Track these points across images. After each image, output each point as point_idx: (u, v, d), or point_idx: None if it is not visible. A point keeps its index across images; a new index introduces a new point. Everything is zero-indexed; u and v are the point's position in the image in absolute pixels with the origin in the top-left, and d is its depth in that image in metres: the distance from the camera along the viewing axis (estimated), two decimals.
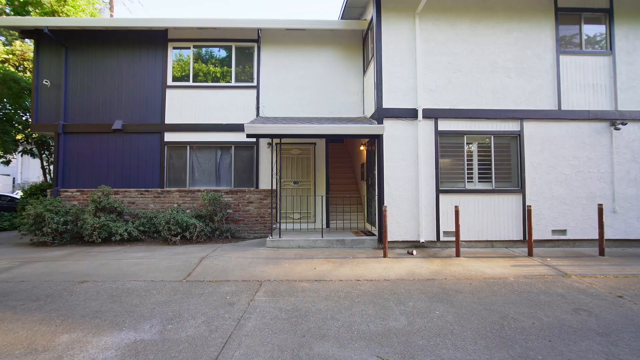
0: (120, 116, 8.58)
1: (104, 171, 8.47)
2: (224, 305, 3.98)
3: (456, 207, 6.30)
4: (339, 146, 12.71)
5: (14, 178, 26.77)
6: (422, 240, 6.77)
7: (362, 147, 8.86)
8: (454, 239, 6.86)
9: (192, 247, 7.09)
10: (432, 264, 5.80)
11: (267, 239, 6.92)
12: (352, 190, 10.10)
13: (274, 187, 8.26)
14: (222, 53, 8.90)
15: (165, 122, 8.59)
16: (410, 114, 6.98)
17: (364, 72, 8.70)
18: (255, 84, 8.73)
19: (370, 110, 7.94)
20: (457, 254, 6.25)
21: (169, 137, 8.58)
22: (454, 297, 4.27)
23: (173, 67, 8.80)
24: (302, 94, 8.74)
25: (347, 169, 11.20)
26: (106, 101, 8.61)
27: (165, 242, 7.43)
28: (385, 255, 6.17)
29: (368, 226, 8.21)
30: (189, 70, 8.81)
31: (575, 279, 5.00)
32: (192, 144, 8.61)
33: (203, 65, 8.88)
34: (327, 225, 8.46)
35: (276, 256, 6.25)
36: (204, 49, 8.89)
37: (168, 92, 8.66)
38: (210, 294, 4.36)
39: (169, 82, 8.70)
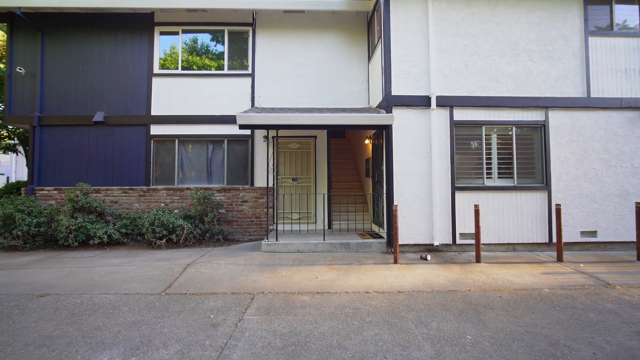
0: (102, 107, 7.82)
1: (84, 167, 7.73)
2: (206, 328, 3.24)
3: (476, 206, 5.57)
4: (341, 141, 11.98)
5: (7, 177, 26.00)
6: (436, 243, 6.04)
7: (367, 141, 8.12)
8: (471, 241, 6.13)
9: (178, 251, 6.34)
10: (450, 271, 5.07)
11: (263, 242, 6.18)
12: (356, 188, 9.36)
13: (271, 185, 7.52)
14: (214, 38, 8.14)
15: (152, 114, 7.84)
16: (422, 102, 6.24)
17: (369, 58, 7.95)
18: (249, 72, 7.97)
19: (376, 99, 7.20)
20: (478, 260, 5.51)
21: (156, 130, 7.83)
22: (485, 314, 3.54)
23: (160, 54, 8.04)
24: (301, 82, 7.99)
25: (350, 165, 10.46)
26: (87, 91, 7.85)
27: (149, 246, 6.69)
28: (396, 261, 5.43)
29: (375, 228, 7.48)
30: (177, 57, 8.05)
31: (622, 290, 4.27)
32: (181, 137, 7.86)
33: (193, 51, 8.12)
34: (329, 227, 7.72)
35: (272, 262, 5.51)
36: (194, 34, 8.13)
37: (154, 81, 7.91)
38: (191, 312, 3.62)
39: (156, 70, 7.94)
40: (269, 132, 6.54)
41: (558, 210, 5.57)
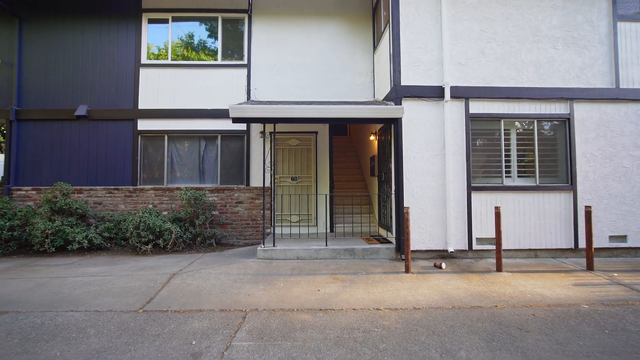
0: (85, 100, 7.22)
1: (66, 166, 7.12)
2: (186, 359, 2.65)
3: (497, 208, 4.98)
4: (343, 139, 11.41)
5: None
6: (450, 249, 5.45)
7: (372, 137, 7.53)
8: (490, 247, 5.54)
9: (165, 258, 5.74)
10: (469, 282, 4.48)
11: (258, 248, 5.58)
12: (359, 188, 8.78)
13: (268, 185, 6.92)
14: (207, 26, 7.53)
15: (139, 108, 7.23)
16: (434, 93, 5.65)
17: (374, 48, 7.35)
18: (245, 62, 7.37)
19: (383, 92, 6.61)
20: (499, 268, 4.92)
21: (144, 125, 7.23)
22: (521, 340, 2.95)
23: (148, 43, 7.43)
24: (300, 74, 7.39)
25: (353, 164, 9.87)
26: (68, 83, 7.24)
27: (134, 252, 6.09)
28: (407, 270, 4.84)
29: (381, 231, 6.89)
30: (167, 46, 7.45)
31: None
32: (170, 133, 7.26)
33: (184, 40, 7.52)
34: (331, 230, 7.13)
35: (268, 271, 4.92)
36: (185, 22, 7.52)
37: (142, 72, 7.30)
38: (169, 336, 3.03)
39: (144, 60, 7.34)
40: (265, 127, 5.95)
41: (588, 213, 4.99)
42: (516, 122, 5.80)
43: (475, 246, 5.57)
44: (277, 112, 5.44)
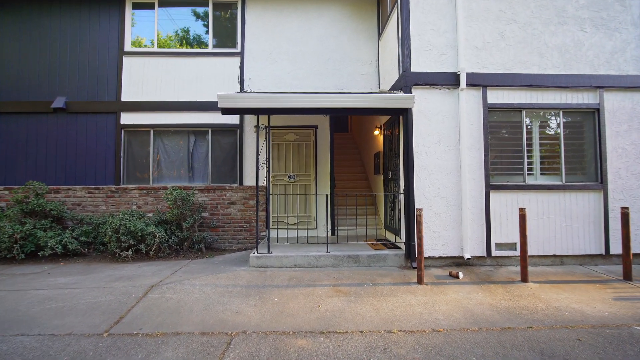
0: (63, 92, 6.60)
1: (42, 163, 6.50)
2: None
3: (522, 210, 4.37)
4: (344, 135, 10.82)
5: None
6: (467, 256, 4.85)
7: (376, 132, 6.92)
8: (510, 253, 4.95)
9: (147, 265, 5.13)
10: (493, 295, 3.88)
11: (251, 255, 4.97)
12: (362, 188, 8.17)
13: (262, 183, 6.30)
14: (197, 10, 6.91)
15: (122, 100, 6.62)
16: (448, 80, 5.05)
17: (379, 34, 6.74)
18: (238, 50, 6.76)
19: (389, 81, 6.00)
20: (524, 278, 4.32)
21: (127, 118, 6.61)
22: None
23: (132, 29, 6.81)
24: (299, 63, 6.78)
25: (355, 162, 9.27)
26: (45, 72, 6.62)
27: (113, 258, 5.47)
28: (420, 281, 4.24)
29: (388, 235, 6.29)
30: (152, 33, 6.82)
31: None
32: (157, 127, 6.64)
33: (171, 25, 6.90)
34: (333, 233, 6.52)
35: (262, 282, 4.31)
36: (173, 7, 6.90)
37: (126, 60, 6.68)
38: None
39: (127, 47, 6.72)
40: (258, 119, 5.32)
41: (624, 215, 4.38)
42: (539, 114, 5.20)
43: (494, 252, 4.97)
44: (272, 102, 4.83)
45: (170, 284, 4.21)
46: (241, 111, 5.03)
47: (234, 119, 6.63)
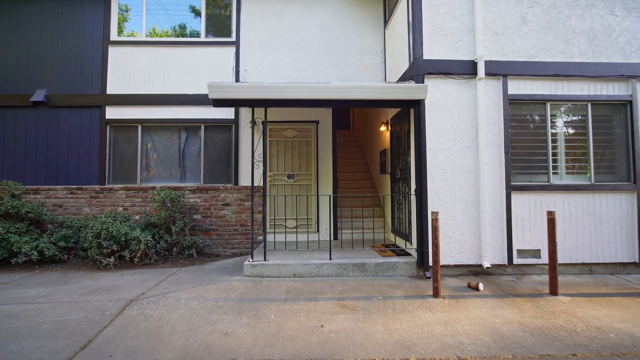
0: (44, 84, 6.10)
1: (21, 161, 5.99)
2: None
3: (550, 213, 3.87)
4: (346, 133, 10.32)
5: None
6: (486, 264, 4.35)
7: (382, 128, 6.42)
8: (534, 261, 4.46)
9: (130, 274, 4.63)
10: (521, 311, 3.38)
11: (246, 263, 4.47)
12: (366, 188, 7.68)
13: (258, 184, 5.80)
14: None
15: (108, 93, 6.12)
16: (465, 69, 4.55)
17: (386, 23, 6.24)
18: (233, 39, 6.26)
19: (396, 73, 5.51)
20: (553, 291, 3.82)
21: (113, 112, 6.11)
22: None
23: (119, 16, 6.31)
24: (299, 53, 6.28)
25: (358, 160, 8.77)
26: (23, 63, 6.12)
27: (95, 266, 4.97)
28: (436, 294, 3.73)
29: (398, 240, 5.79)
30: (140, 21, 6.32)
31: None
32: (145, 122, 6.14)
33: (161, 13, 6.40)
34: (335, 237, 6.02)
35: (257, 295, 3.81)
36: None
37: (112, 50, 6.18)
38: None
39: (113, 36, 6.22)
40: (254, 113, 4.82)
41: None
42: (565, 106, 4.70)
43: (516, 260, 4.47)
44: (268, 92, 4.33)
45: (153, 297, 3.71)
46: (235, 103, 4.53)
47: (228, 114, 6.13)
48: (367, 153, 8.55)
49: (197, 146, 6.22)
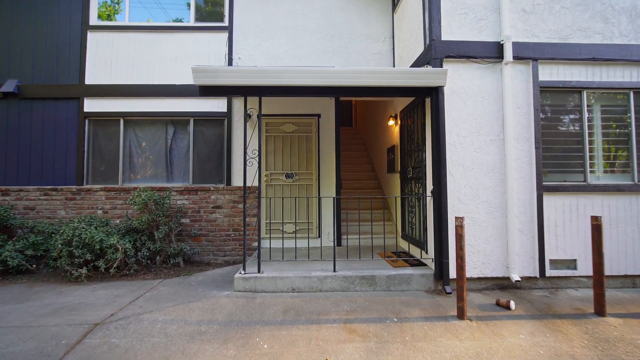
0: (15, 74, 5.50)
1: None
2: None
3: (596, 219, 3.26)
4: (348, 130, 9.76)
5: None
6: (515, 277, 3.75)
7: (390, 122, 5.83)
8: (569, 273, 3.87)
9: (103, 288, 4.02)
10: (568, 339, 2.78)
11: (237, 275, 3.86)
12: (371, 188, 7.09)
13: (250, 184, 5.21)
14: None
15: (87, 83, 5.52)
16: (489, 52, 3.96)
17: (394, 5, 5.65)
18: (226, 24, 5.66)
19: (407, 60, 4.92)
20: (599, 311, 3.22)
21: (92, 105, 5.51)
22: None
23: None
24: (299, 39, 5.69)
25: (362, 159, 8.18)
26: None
27: (65, 278, 4.36)
28: (462, 316, 3.13)
29: (404, 244, 5.19)
30: (123, 3, 5.72)
31: None
32: (128, 116, 5.55)
33: None
34: (339, 243, 5.43)
35: (248, 316, 3.20)
36: None
37: (91, 36, 5.58)
38: None
39: (93, 21, 5.62)
40: (246, 103, 4.20)
41: None
42: (603, 95, 4.11)
43: (548, 272, 3.87)
44: (263, 78, 3.73)
45: (123, 319, 3.10)
46: (224, 91, 3.92)
47: (220, 106, 5.54)
48: (372, 151, 7.95)
49: (185, 142, 5.62)
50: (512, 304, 3.36)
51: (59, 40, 5.56)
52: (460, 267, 3.15)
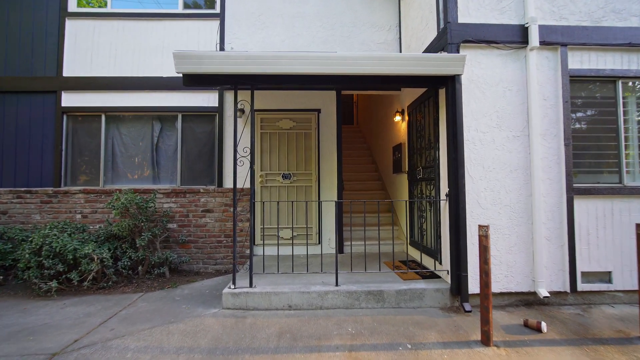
0: None
1: None
2: None
3: None
4: (349, 128, 9.31)
5: None
6: (543, 292, 3.29)
7: (397, 118, 5.36)
8: (604, 287, 3.42)
9: (74, 305, 3.55)
10: None
11: (226, 290, 3.39)
12: (375, 190, 6.62)
13: (242, 185, 4.74)
14: None
15: (65, 75, 5.05)
16: (512, 36, 3.49)
17: None
18: (217, 10, 5.20)
19: (415, 49, 4.46)
20: None
21: (71, 99, 5.04)
22: None
23: None
24: (296, 28, 5.22)
25: (364, 158, 7.72)
26: None
27: (34, 292, 3.88)
28: (487, 341, 2.66)
29: (426, 259, 4.72)
30: None
31: None
32: (110, 111, 5.08)
33: None
34: (341, 250, 4.97)
35: (236, 341, 2.73)
36: None
37: (70, 24, 5.11)
38: None
39: (72, 7, 5.15)
40: (236, 93, 3.71)
41: None
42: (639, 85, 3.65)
43: (580, 286, 3.41)
44: (256, 65, 3.26)
45: (88, 347, 2.63)
46: (211, 80, 3.45)
47: (210, 100, 5.07)
48: (376, 150, 7.48)
49: (173, 140, 5.15)
50: (544, 326, 2.89)
51: (35, 29, 5.09)
52: (486, 284, 2.68)
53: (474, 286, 3.31)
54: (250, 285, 3.43)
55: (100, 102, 5.06)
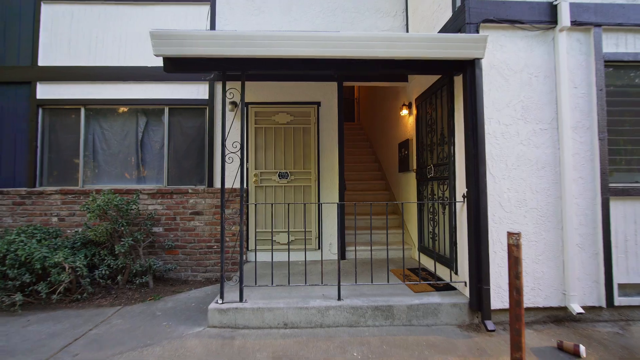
0: None
1: None
2: None
3: None
4: (350, 125, 8.90)
5: None
6: (576, 308, 2.87)
7: (403, 112, 4.92)
8: None
9: (39, 322, 3.11)
10: None
11: (212, 305, 2.96)
12: (379, 190, 6.20)
13: (232, 185, 4.30)
14: None
15: (40, 64, 4.61)
16: (538, 15, 3.07)
17: None
18: None
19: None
20: None
21: (47, 91, 4.60)
22: None
23: None
24: (294, 14, 4.79)
25: (366, 157, 7.29)
26: None
27: None
28: None
29: (439, 268, 4.29)
30: None
31: None
32: (91, 104, 4.64)
33: None
34: (343, 256, 4.54)
35: None
36: None
37: (46, 8, 4.67)
38: None
39: None
40: (225, 80, 3.26)
41: None
42: None
43: (617, 299, 2.99)
44: (247, 46, 2.82)
45: None
46: (195, 64, 3.02)
47: (200, 92, 4.64)
48: (379, 147, 7.05)
49: (159, 136, 4.72)
50: (583, 350, 2.47)
51: (7, 13, 4.64)
52: (517, 302, 2.25)
53: (496, 301, 2.89)
54: (241, 299, 2.99)
55: (79, 94, 4.62)
